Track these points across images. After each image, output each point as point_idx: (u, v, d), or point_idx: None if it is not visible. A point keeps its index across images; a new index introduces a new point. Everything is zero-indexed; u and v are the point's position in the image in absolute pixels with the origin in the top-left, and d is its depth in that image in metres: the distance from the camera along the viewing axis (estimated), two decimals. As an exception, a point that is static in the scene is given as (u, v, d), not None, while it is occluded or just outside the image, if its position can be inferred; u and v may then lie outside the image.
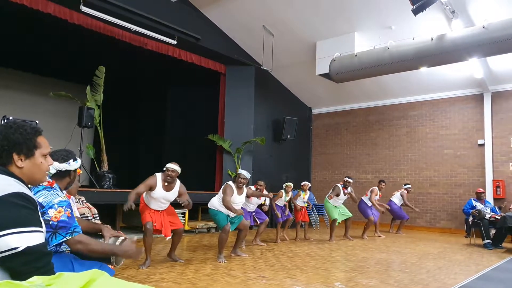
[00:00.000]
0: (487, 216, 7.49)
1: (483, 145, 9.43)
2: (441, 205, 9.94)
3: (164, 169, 4.74)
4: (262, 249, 6.37)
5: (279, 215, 7.21)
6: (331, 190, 7.90)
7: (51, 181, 2.13)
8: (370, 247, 6.91)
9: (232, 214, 5.32)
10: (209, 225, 8.41)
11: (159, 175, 4.75)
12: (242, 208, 6.63)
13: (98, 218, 4.33)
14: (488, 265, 5.55)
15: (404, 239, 8.24)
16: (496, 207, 8.39)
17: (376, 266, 5.14)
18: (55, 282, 1.11)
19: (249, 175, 5.46)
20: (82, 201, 4.36)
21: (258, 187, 6.54)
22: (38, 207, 1.56)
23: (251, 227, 8.32)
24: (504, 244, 7.40)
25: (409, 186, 9.50)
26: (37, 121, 6.06)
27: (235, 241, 5.65)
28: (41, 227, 1.49)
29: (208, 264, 4.89)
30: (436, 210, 10.01)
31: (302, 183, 7.92)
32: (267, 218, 6.83)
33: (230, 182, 5.42)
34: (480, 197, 8.14)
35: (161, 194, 4.72)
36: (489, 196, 8.93)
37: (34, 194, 1.97)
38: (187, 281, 4.01)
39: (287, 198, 7.51)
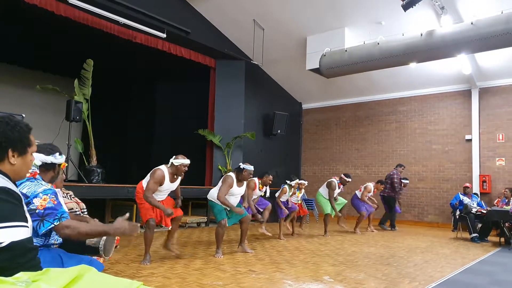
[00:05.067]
0: (474, 210, 7.62)
1: (470, 140, 9.56)
2: (429, 199, 10.07)
3: (177, 164, 4.60)
4: (254, 243, 6.36)
5: (285, 210, 6.96)
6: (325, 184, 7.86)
7: (33, 172, 2.08)
8: (359, 241, 6.97)
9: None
10: (199, 219, 8.40)
11: (164, 168, 4.63)
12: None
13: (86, 213, 4.28)
14: (474, 258, 5.65)
15: (393, 234, 8.33)
16: (482, 201, 8.54)
17: (365, 260, 5.19)
18: (42, 278, 1.09)
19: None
20: (70, 195, 4.31)
21: (267, 181, 6.49)
22: (23, 200, 1.53)
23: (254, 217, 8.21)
24: (489, 238, 7.53)
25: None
26: (24, 115, 5.97)
27: (240, 236, 5.58)
28: (26, 222, 1.47)
29: (198, 259, 4.88)
30: (424, 205, 10.14)
31: (300, 182, 7.75)
32: (269, 204, 6.74)
33: (231, 173, 5.29)
34: (466, 191, 8.26)
35: (168, 186, 4.70)
36: (476, 191, 9.07)
37: (18, 186, 1.94)
38: (176, 275, 3.99)
39: (290, 194, 7.31)
